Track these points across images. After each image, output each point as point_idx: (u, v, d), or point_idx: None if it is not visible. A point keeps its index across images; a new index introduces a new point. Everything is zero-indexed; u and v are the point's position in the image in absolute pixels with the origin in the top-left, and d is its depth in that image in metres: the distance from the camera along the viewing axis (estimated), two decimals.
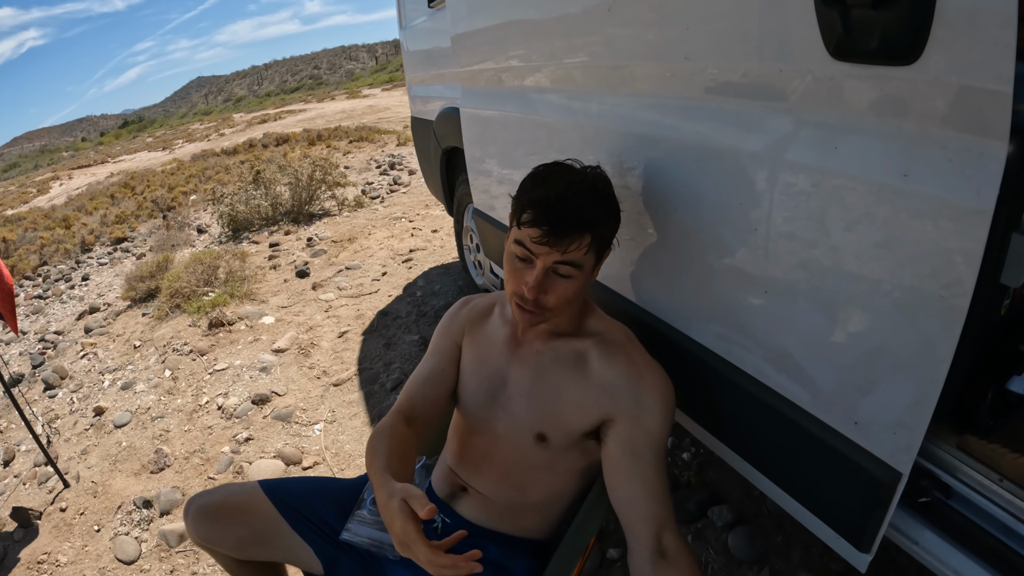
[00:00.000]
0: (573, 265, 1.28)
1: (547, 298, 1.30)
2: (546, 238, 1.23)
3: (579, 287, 1.32)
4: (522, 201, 1.30)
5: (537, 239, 1.25)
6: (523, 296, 1.30)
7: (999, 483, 1.15)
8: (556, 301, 1.31)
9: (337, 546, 1.48)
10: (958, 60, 0.86)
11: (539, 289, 1.28)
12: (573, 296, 1.32)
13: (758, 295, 1.31)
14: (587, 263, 1.31)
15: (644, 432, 1.30)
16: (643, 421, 1.30)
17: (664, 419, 1.32)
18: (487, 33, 2.48)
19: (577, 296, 1.34)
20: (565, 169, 1.33)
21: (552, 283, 1.29)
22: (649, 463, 1.29)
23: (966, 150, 0.89)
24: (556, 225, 1.23)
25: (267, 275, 5.75)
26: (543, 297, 1.30)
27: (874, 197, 1.02)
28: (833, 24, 0.99)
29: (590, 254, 1.30)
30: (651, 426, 1.30)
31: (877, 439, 1.14)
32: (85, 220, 11.85)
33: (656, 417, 1.31)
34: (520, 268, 1.31)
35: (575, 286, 1.31)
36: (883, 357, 1.08)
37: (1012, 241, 1.02)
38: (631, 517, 1.29)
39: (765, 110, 1.21)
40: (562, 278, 1.29)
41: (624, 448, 1.31)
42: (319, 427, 3.19)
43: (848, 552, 1.30)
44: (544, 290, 1.29)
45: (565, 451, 1.38)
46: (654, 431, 1.30)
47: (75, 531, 2.79)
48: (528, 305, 1.31)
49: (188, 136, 37.97)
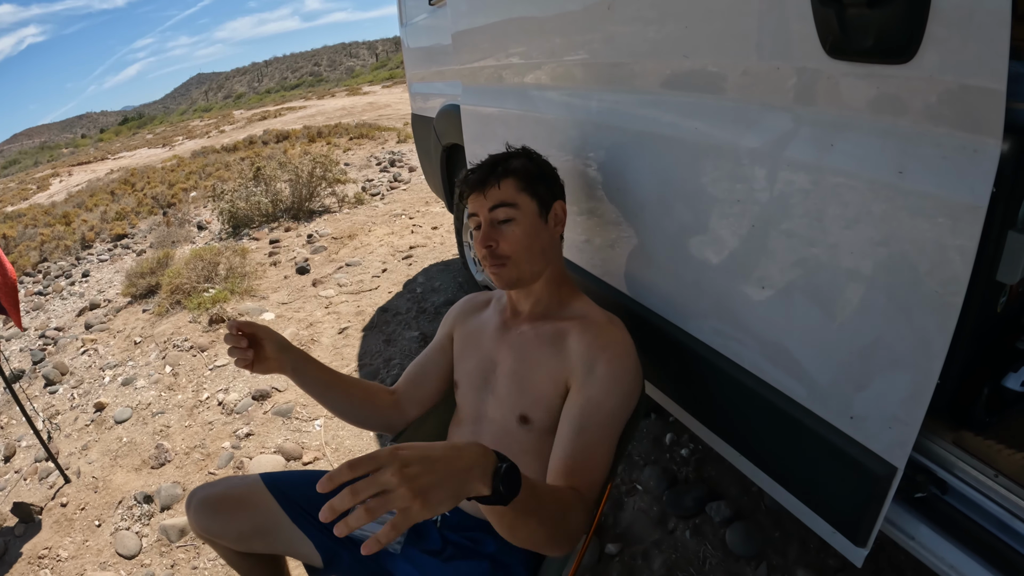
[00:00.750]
0: (507, 205, 1.46)
1: (500, 246, 1.46)
2: (471, 191, 1.51)
3: (525, 230, 1.47)
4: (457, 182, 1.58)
5: (467, 196, 1.52)
6: (484, 254, 1.47)
7: (995, 479, 1.16)
8: (509, 247, 1.46)
9: (336, 539, 1.49)
10: (952, 59, 0.87)
11: (487, 237, 1.46)
12: (524, 239, 1.47)
13: (755, 290, 1.32)
14: (523, 203, 1.48)
15: (587, 400, 1.32)
16: (588, 389, 1.33)
17: (611, 392, 1.32)
18: (487, 31, 2.48)
19: (530, 240, 1.48)
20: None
21: (498, 232, 1.47)
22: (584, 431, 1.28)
23: (960, 147, 0.90)
24: (474, 178, 1.51)
25: (267, 272, 5.75)
26: (495, 246, 1.46)
27: (870, 194, 1.03)
28: (829, 23, 0.99)
29: (522, 194, 1.48)
30: (596, 396, 1.32)
31: (872, 433, 1.14)
32: (85, 217, 11.86)
33: (603, 388, 1.32)
34: (477, 236, 1.50)
35: (519, 230, 1.47)
36: (878, 352, 1.09)
37: (1008, 238, 1.03)
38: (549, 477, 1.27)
39: (763, 108, 1.22)
40: (505, 224, 1.47)
41: (566, 413, 1.34)
42: (319, 423, 3.20)
43: (844, 546, 1.31)
44: (493, 239, 1.46)
45: (549, 434, 1.39)
46: (598, 401, 1.31)
47: (76, 526, 2.80)
48: (490, 259, 1.47)
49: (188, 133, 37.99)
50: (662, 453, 2.48)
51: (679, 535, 2.10)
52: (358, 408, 1.59)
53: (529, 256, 1.47)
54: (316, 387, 1.53)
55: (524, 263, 1.47)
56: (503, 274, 1.46)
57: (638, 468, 2.42)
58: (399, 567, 1.44)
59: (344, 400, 1.57)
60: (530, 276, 1.49)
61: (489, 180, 1.47)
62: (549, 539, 1.10)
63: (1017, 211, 1.04)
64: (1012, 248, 1.02)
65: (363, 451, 2.90)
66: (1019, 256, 1.04)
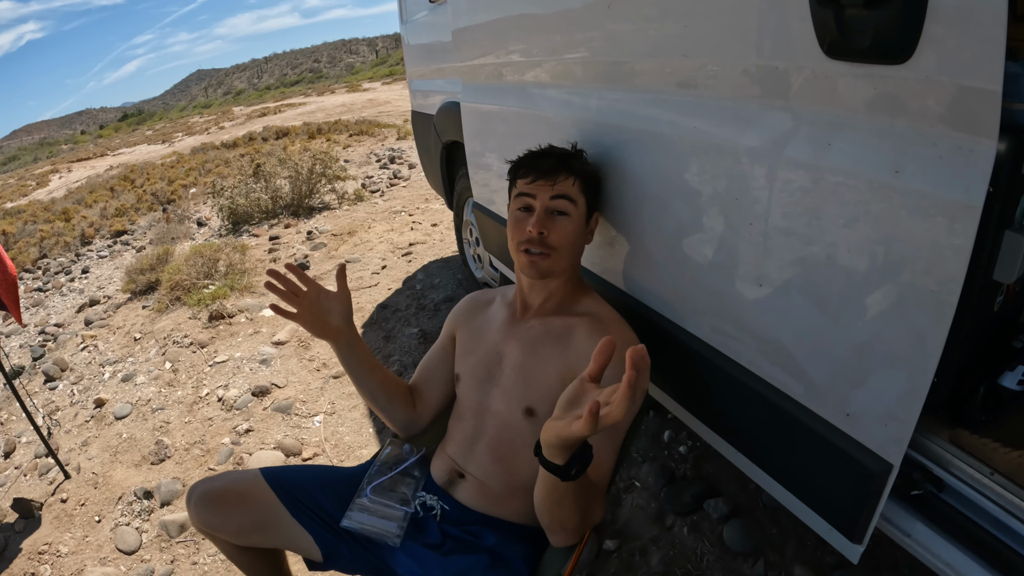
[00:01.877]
0: (567, 199, 1.52)
1: (551, 236, 1.49)
2: (539, 177, 1.52)
3: (575, 228, 1.54)
4: (516, 163, 1.61)
5: (531, 180, 1.52)
6: (530, 239, 1.49)
7: (990, 477, 1.16)
8: (558, 239, 1.50)
9: (336, 534, 1.50)
10: (949, 59, 0.87)
11: (541, 224, 1.49)
12: (571, 236, 1.53)
13: (752, 288, 1.33)
14: (579, 201, 1.54)
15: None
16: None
17: None
18: (487, 28, 2.49)
19: (575, 240, 1.55)
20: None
21: (552, 222, 1.51)
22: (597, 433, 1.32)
23: (956, 147, 0.91)
24: (545, 166, 1.52)
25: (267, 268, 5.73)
26: (547, 234, 1.49)
27: (867, 193, 1.03)
28: (827, 23, 1.00)
29: (579, 193, 1.54)
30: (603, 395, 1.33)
31: (869, 431, 1.15)
32: (85, 213, 11.84)
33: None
34: (523, 217, 1.53)
35: (571, 225, 1.53)
36: (875, 350, 1.09)
37: (1005, 238, 1.04)
38: None
39: (761, 107, 1.23)
40: (560, 216, 1.51)
41: None
42: (319, 419, 3.21)
43: (840, 543, 1.32)
44: (546, 227, 1.49)
45: None
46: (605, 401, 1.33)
47: (76, 522, 2.81)
48: (535, 245, 1.49)
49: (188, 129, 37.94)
50: (660, 450, 2.49)
51: (677, 531, 2.11)
52: (388, 400, 1.65)
53: (570, 252, 1.54)
54: (360, 367, 1.60)
55: (564, 258, 1.52)
56: (541, 264, 1.49)
57: (637, 465, 2.43)
58: (399, 561, 1.44)
59: (380, 388, 1.63)
60: (560, 271, 1.54)
61: (561, 171, 1.52)
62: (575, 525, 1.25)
63: (1014, 211, 1.04)
64: (1009, 247, 1.03)
65: (362, 447, 2.92)
66: (1016, 255, 1.05)
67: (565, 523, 1.24)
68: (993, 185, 0.89)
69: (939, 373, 1.04)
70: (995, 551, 1.15)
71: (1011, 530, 1.14)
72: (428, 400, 1.71)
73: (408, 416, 1.68)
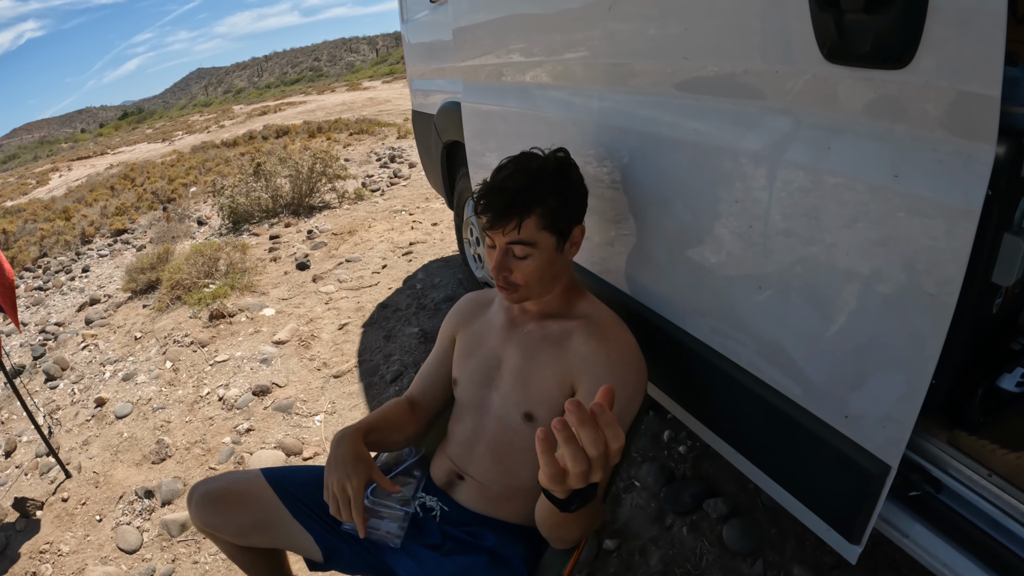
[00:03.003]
0: (525, 244, 1.41)
1: (513, 275, 1.44)
2: (490, 223, 1.41)
3: (540, 264, 1.44)
4: (477, 196, 1.46)
5: (485, 225, 1.43)
6: (496, 276, 1.45)
7: (988, 478, 1.17)
8: (522, 278, 1.44)
9: (337, 534, 1.51)
10: (948, 64, 0.88)
11: (502, 267, 1.43)
12: (538, 272, 1.44)
13: (752, 290, 1.34)
14: (541, 241, 1.42)
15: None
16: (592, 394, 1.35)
17: (619, 405, 1.36)
18: (488, 27, 2.49)
19: (543, 272, 1.46)
20: (517, 158, 1.48)
21: (513, 263, 1.43)
22: None
23: (955, 152, 0.91)
24: (497, 210, 1.39)
25: (267, 267, 5.76)
26: (509, 276, 1.44)
27: (866, 197, 1.04)
28: (827, 27, 1.00)
29: (542, 232, 1.42)
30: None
31: (867, 432, 1.16)
32: (85, 212, 11.84)
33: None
34: (490, 252, 1.47)
35: (535, 264, 1.43)
36: (873, 352, 1.10)
37: (1004, 241, 1.04)
38: None
39: (761, 110, 1.23)
40: (520, 259, 1.43)
41: None
42: (319, 418, 3.22)
43: (839, 543, 1.32)
44: (508, 268, 1.44)
45: None
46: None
47: (77, 521, 2.82)
48: (501, 283, 1.45)
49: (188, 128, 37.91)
50: (660, 450, 2.49)
51: (676, 531, 2.12)
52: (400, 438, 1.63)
53: (540, 284, 1.47)
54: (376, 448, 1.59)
55: (535, 290, 1.48)
56: (513, 296, 1.48)
57: (636, 465, 2.43)
58: (399, 561, 1.45)
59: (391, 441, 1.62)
60: (538, 294, 1.50)
61: (510, 218, 1.39)
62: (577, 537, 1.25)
63: (1012, 214, 1.05)
64: (1007, 250, 1.04)
65: None
66: (1014, 258, 1.05)
67: (566, 537, 1.26)
68: (991, 188, 0.90)
69: (937, 375, 1.05)
70: (993, 552, 1.15)
71: (1009, 531, 1.15)
72: (430, 407, 1.70)
73: (416, 434, 1.68)
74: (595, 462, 0.79)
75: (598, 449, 0.78)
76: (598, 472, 0.81)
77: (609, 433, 0.78)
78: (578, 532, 1.25)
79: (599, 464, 0.79)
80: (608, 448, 0.78)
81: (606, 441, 0.78)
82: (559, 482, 0.83)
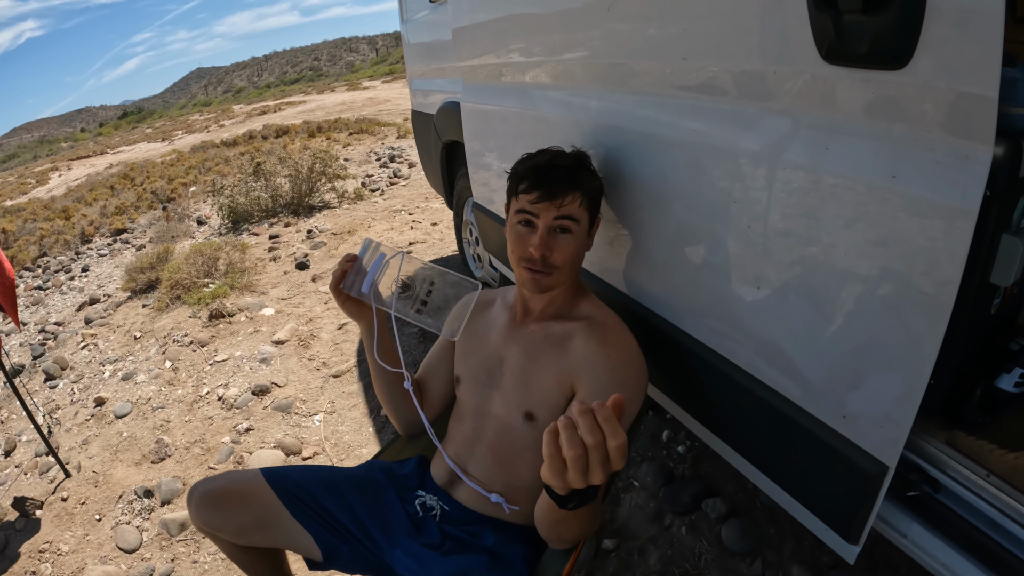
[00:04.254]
0: (571, 219, 1.44)
1: (553, 255, 1.45)
2: (543, 197, 1.42)
3: (578, 244, 1.48)
4: (518, 173, 1.49)
5: (535, 199, 1.43)
6: (531, 257, 1.45)
7: (986, 479, 1.17)
8: (561, 258, 1.45)
9: (336, 534, 1.51)
10: (946, 65, 0.88)
11: (544, 246, 1.44)
12: (575, 252, 1.48)
13: (750, 290, 1.34)
14: (582, 219, 1.47)
15: None
16: (592, 395, 1.38)
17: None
18: (487, 27, 2.49)
19: (578, 255, 1.51)
20: (546, 150, 1.55)
21: (555, 240, 1.45)
22: None
23: (953, 153, 0.92)
24: (550, 184, 1.42)
25: (267, 267, 5.76)
26: (549, 254, 1.44)
27: (864, 197, 1.04)
28: (825, 28, 1.01)
29: (583, 210, 1.47)
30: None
31: (864, 433, 1.16)
32: (85, 211, 11.84)
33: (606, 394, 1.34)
34: (524, 233, 1.47)
35: (575, 243, 1.47)
36: (871, 352, 1.10)
37: (1002, 241, 1.04)
38: None
39: (760, 110, 1.24)
40: (563, 234, 1.45)
41: None
42: (319, 418, 3.22)
43: (837, 543, 1.33)
44: (549, 247, 1.44)
45: None
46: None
47: (76, 520, 2.82)
48: (537, 265, 1.45)
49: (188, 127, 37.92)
50: (659, 450, 2.50)
51: (675, 531, 2.13)
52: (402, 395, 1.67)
53: (572, 268, 1.50)
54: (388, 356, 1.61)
55: (567, 274, 1.50)
56: (544, 281, 1.47)
57: (635, 465, 2.44)
58: (398, 560, 1.45)
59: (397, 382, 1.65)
60: (561, 284, 1.52)
61: (564, 191, 1.43)
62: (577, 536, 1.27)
63: (1011, 214, 1.05)
64: (1006, 251, 1.04)
65: (362, 446, 2.93)
66: (1012, 258, 1.05)
67: (564, 537, 1.27)
68: (990, 189, 0.90)
69: (935, 375, 1.05)
70: (991, 552, 1.16)
71: (1006, 531, 1.15)
72: (432, 399, 1.72)
73: (416, 415, 1.69)
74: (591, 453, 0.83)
75: (595, 438, 0.83)
76: (596, 471, 0.84)
77: (607, 429, 0.82)
78: (576, 532, 1.26)
79: (597, 459, 0.83)
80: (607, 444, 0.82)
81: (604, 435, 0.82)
82: (560, 476, 0.86)
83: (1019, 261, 1.06)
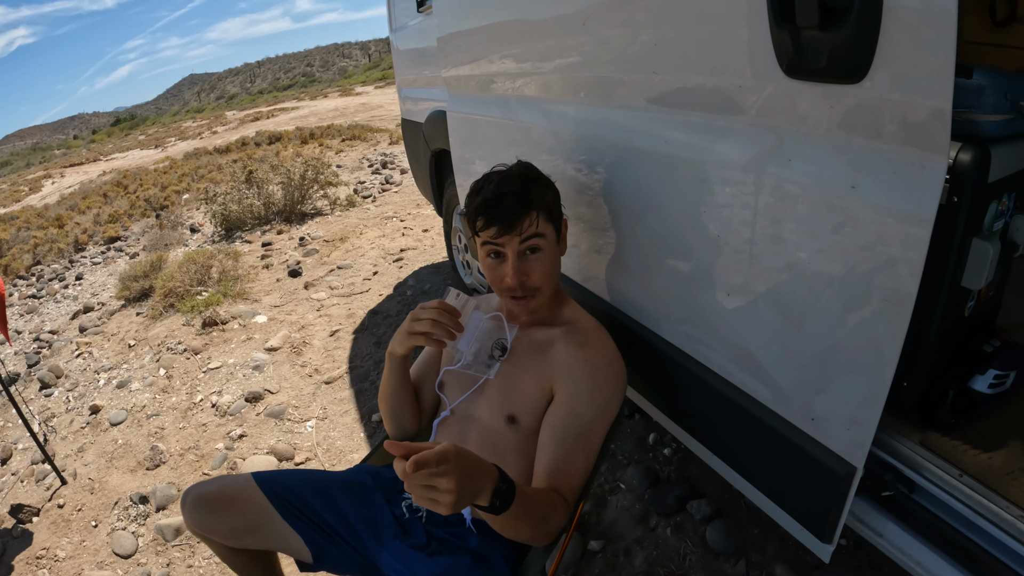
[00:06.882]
0: (536, 236, 1.46)
1: (531, 278, 1.48)
2: (503, 231, 1.44)
3: (551, 258, 1.51)
4: (470, 213, 1.50)
5: (496, 235, 1.45)
6: (510, 287, 1.47)
7: (959, 479, 1.21)
8: (539, 278, 1.49)
9: (326, 536, 1.54)
10: (901, 79, 0.92)
11: (519, 273, 1.46)
12: (550, 267, 1.51)
13: (721, 296, 1.38)
14: (548, 232, 1.50)
15: (568, 411, 1.42)
16: (569, 399, 1.42)
17: (591, 403, 1.42)
18: (469, 37, 2.52)
19: (554, 268, 1.53)
20: (490, 175, 1.54)
21: (527, 264, 1.48)
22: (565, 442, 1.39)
23: (908, 163, 0.95)
24: (504, 216, 1.43)
25: (260, 274, 5.78)
26: (526, 279, 1.47)
27: (825, 207, 1.08)
28: (785, 44, 1.04)
29: (546, 224, 1.49)
30: (577, 407, 1.41)
31: (832, 434, 1.20)
32: (78, 219, 11.81)
33: (583, 399, 1.41)
34: (495, 265, 1.50)
35: (547, 259, 1.49)
36: (835, 357, 1.14)
37: (972, 246, 1.08)
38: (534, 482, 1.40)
39: (727, 123, 1.27)
40: (533, 254, 1.48)
41: (551, 422, 1.43)
42: (311, 424, 3.24)
43: (811, 542, 1.36)
44: (525, 273, 1.47)
45: (535, 435, 1.47)
46: (579, 412, 1.41)
47: (73, 527, 2.84)
48: (518, 292, 1.48)
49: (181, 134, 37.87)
50: (645, 452, 2.53)
51: (660, 532, 2.15)
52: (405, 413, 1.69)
53: (551, 282, 1.54)
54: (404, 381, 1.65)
55: (547, 290, 1.53)
56: (531, 304, 1.51)
57: (621, 467, 2.47)
58: (385, 561, 1.48)
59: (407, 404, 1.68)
60: (547, 298, 1.55)
61: (520, 217, 1.43)
62: (532, 536, 1.27)
63: (981, 219, 1.09)
64: (977, 255, 1.08)
65: (353, 451, 2.95)
66: (983, 262, 1.09)
67: (522, 536, 1.28)
68: (956, 194, 0.93)
69: (907, 377, 1.08)
70: (964, 550, 1.19)
71: (980, 529, 1.18)
72: (424, 405, 1.74)
73: (415, 427, 1.71)
74: (418, 497, 0.98)
75: (421, 492, 0.98)
76: (442, 506, 0.98)
77: (416, 479, 0.96)
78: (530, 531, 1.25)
79: (427, 499, 0.98)
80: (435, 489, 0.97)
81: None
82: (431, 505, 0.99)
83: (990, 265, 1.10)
